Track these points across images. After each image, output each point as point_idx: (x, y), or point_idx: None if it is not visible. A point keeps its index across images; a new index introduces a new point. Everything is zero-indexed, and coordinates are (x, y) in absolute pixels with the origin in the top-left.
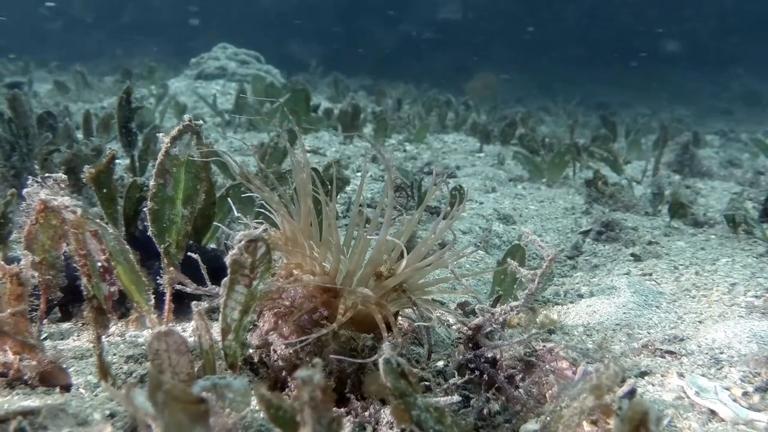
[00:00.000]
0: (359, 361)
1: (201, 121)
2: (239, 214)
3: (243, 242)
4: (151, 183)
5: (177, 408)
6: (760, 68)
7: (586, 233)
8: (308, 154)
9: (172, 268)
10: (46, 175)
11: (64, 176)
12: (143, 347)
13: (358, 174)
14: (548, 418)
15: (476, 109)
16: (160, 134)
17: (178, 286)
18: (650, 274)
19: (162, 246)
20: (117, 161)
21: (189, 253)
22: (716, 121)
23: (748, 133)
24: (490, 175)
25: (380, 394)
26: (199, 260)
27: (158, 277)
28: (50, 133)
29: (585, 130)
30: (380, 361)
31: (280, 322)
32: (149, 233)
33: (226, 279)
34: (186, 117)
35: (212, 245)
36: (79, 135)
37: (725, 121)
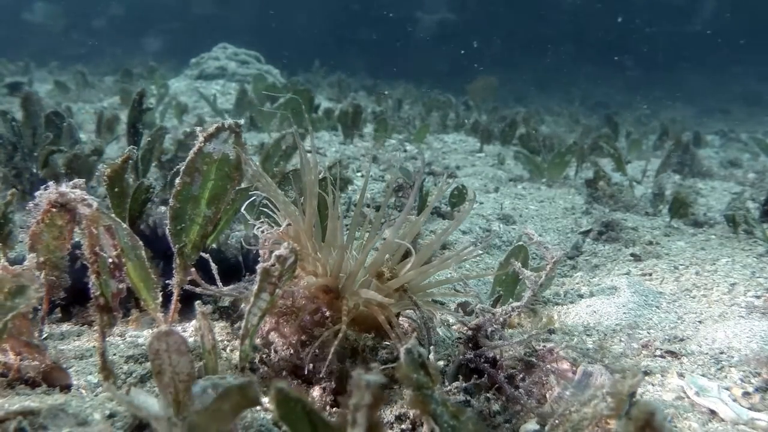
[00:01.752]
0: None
1: (242, 121)
2: (244, 212)
3: (276, 254)
4: (177, 181)
5: (233, 399)
6: (761, 69)
7: (586, 233)
8: (308, 155)
9: (184, 269)
10: (70, 182)
11: (82, 181)
12: (143, 347)
13: (358, 174)
14: (556, 421)
15: (477, 110)
16: (198, 129)
17: (187, 286)
18: (650, 274)
19: (177, 246)
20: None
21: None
22: (716, 121)
23: (748, 133)
24: (490, 175)
25: (407, 382)
26: (210, 261)
27: (163, 276)
28: (57, 133)
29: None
30: (402, 351)
31: (281, 321)
32: (167, 231)
33: (254, 287)
34: (230, 120)
35: (213, 245)
36: (82, 135)
37: (725, 121)
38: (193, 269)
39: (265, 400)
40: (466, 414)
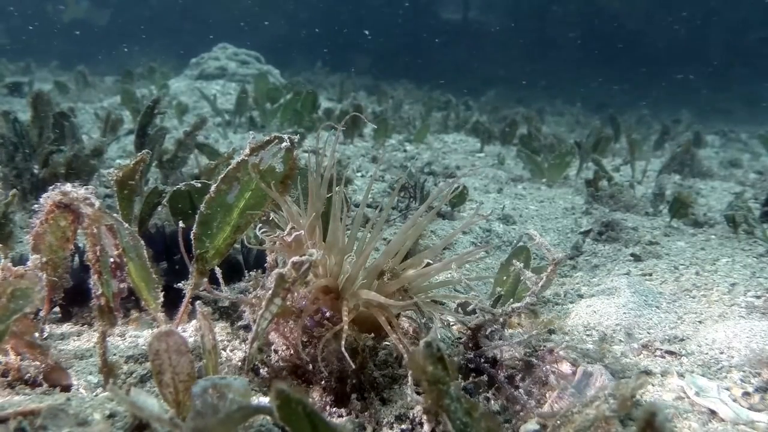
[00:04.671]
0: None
1: (297, 136)
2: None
3: (293, 260)
4: (212, 188)
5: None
6: (762, 69)
7: (586, 233)
8: (306, 154)
9: (201, 274)
10: (80, 185)
11: (92, 187)
12: (143, 347)
13: (358, 174)
14: (558, 422)
15: (479, 111)
16: (251, 134)
17: (180, 285)
18: (650, 274)
19: (199, 251)
20: (119, 161)
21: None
22: (716, 121)
23: (748, 133)
24: (491, 175)
25: (424, 376)
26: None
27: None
28: (60, 133)
29: (584, 130)
30: (421, 344)
31: (281, 322)
32: (191, 235)
33: (267, 293)
34: (287, 136)
35: None
36: (83, 136)
37: (725, 121)
38: (197, 274)
39: (265, 399)
40: (480, 410)
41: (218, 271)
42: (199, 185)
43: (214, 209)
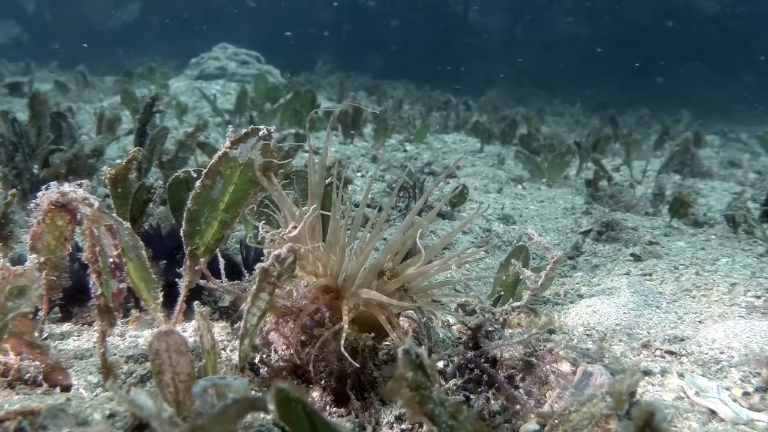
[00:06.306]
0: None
1: (273, 127)
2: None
3: (275, 254)
4: (198, 183)
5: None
6: (760, 69)
7: (586, 233)
8: (306, 154)
9: (194, 271)
10: (75, 182)
11: (87, 182)
12: (143, 347)
13: (358, 174)
14: (555, 421)
15: (479, 111)
16: (231, 128)
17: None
18: (650, 274)
19: (190, 248)
20: (119, 161)
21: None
22: (716, 121)
23: (748, 133)
24: (491, 175)
25: (395, 393)
26: (220, 257)
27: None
28: (58, 133)
29: (584, 130)
30: (399, 351)
31: (280, 321)
32: (182, 232)
33: (252, 287)
34: (264, 127)
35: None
36: (83, 136)
37: (725, 121)
38: (201, 262)
39: None
40: (465, 413)
41: (221, 261)
42: (195, 175)
43: (200, 205)
